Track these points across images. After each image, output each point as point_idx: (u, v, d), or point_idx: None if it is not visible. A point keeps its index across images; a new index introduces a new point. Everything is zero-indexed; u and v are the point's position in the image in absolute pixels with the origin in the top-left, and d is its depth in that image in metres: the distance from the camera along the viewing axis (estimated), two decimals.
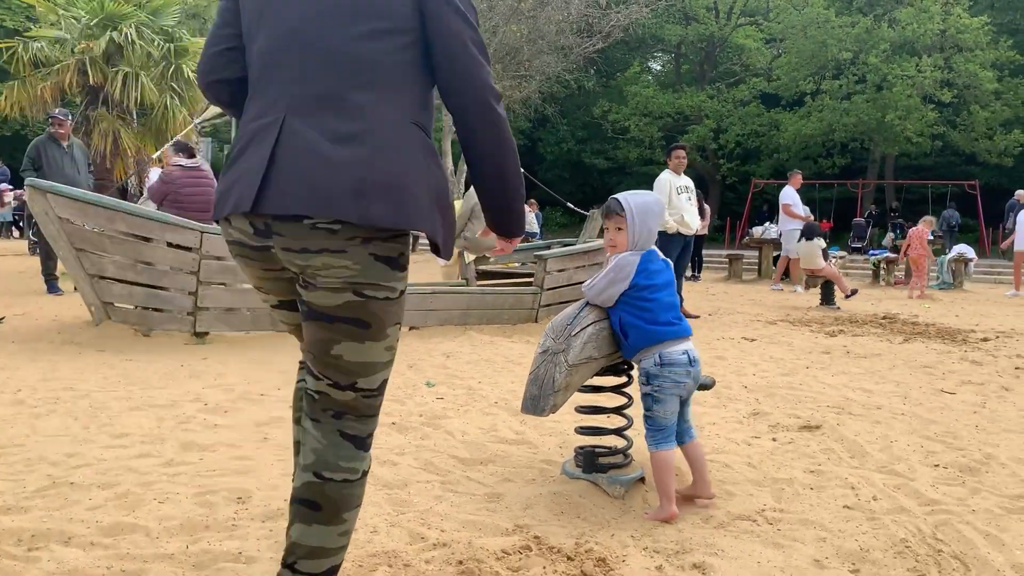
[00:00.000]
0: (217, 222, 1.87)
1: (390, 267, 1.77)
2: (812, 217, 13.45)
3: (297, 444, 2.04)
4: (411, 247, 2.54)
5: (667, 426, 2.87)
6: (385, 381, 1.87)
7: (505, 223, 1.95)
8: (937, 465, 3.53)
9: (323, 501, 1.78)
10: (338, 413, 1.82)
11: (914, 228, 13.68)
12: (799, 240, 10.88)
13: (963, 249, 15.94)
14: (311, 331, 1.80)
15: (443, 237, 1.82)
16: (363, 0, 1.71)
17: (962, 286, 15.18)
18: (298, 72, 1.74)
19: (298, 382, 2.12)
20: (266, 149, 1.70)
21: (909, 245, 13.58)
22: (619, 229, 2.93)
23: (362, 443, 1.85)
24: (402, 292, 1.83)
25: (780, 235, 14.22)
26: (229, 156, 1.83)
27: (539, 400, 2.78)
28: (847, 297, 10.44)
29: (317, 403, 1.83)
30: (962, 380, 5.58)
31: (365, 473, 1.85)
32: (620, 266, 2.89)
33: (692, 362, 2.88)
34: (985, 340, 7.63)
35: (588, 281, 3.00)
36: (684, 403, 2.94)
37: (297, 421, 2.08)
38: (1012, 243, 13.93)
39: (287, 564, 1.81)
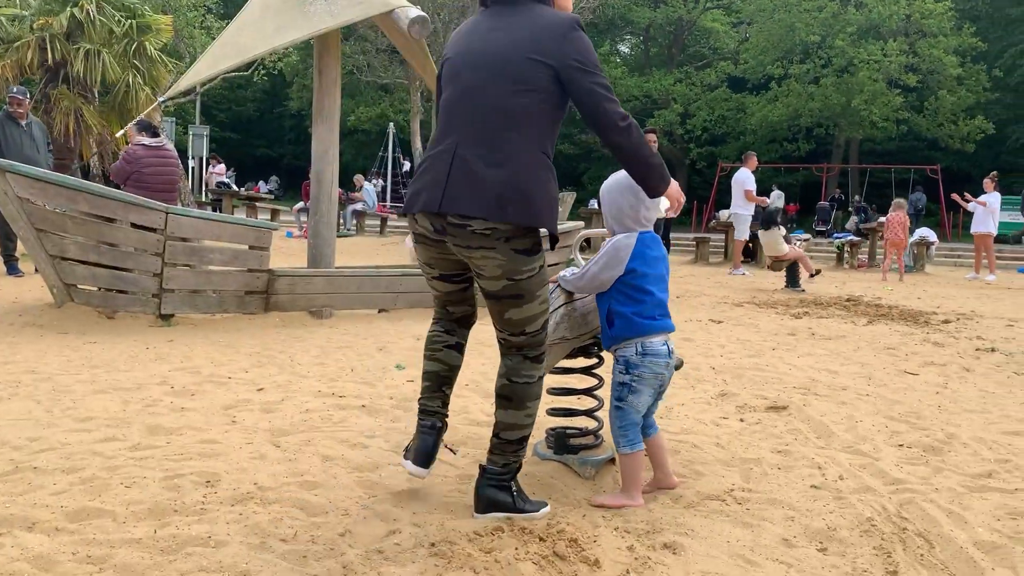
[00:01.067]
0: (405, 216, 2.65)
1: (527, 255, 2.46)
2: (766, 201, 13.50)
3: (433, 375, 2.79)
4: (381, 230, 2.83)
5: (636, 421, 2.80)
6: (546, 321, 2.63)
7: (655, 190, 2.65)
8: (901, 445, 3.59)
9: (512, 395, 2.59)
10: (518, 347, 2.61)
11: (893, 214, 13.82)
12: (761, 229, 10.92)
13: (925, 232, 16.22)
14: (489, 304, 2.59)
15: (552, 228, 2.51)
16: (516, 72, 2.45)
17: (924, 269, 15.43)
18: (468, 118, 2.48)
19: (436, 320, 2.88)
20: (444, 168, 2.44)
21: (888, 229, 13.72)
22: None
23: (536, 359, 2.62)
24: (541, 266, 2.52)
25: (730, 218, 14.23)
26: (416, 171, 2.62)
27: None
28: (811, 276, 10.56)
29: (503, 345, 2.65)
30: (925, 361, 5.68)
31: (541, 377, 2.64)
32: (615, 248, 2.77)
33: (671, 354, 2.84)
34: (946, 322, 7.77)
35: (571, 270, 2.93)
36: (657, 397, 2.89)
37: (430, 357, 2.82)
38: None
39: (495, 434, 2.62)
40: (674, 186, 2.72)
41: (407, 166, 28.25)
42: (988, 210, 13.80)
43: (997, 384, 5.03)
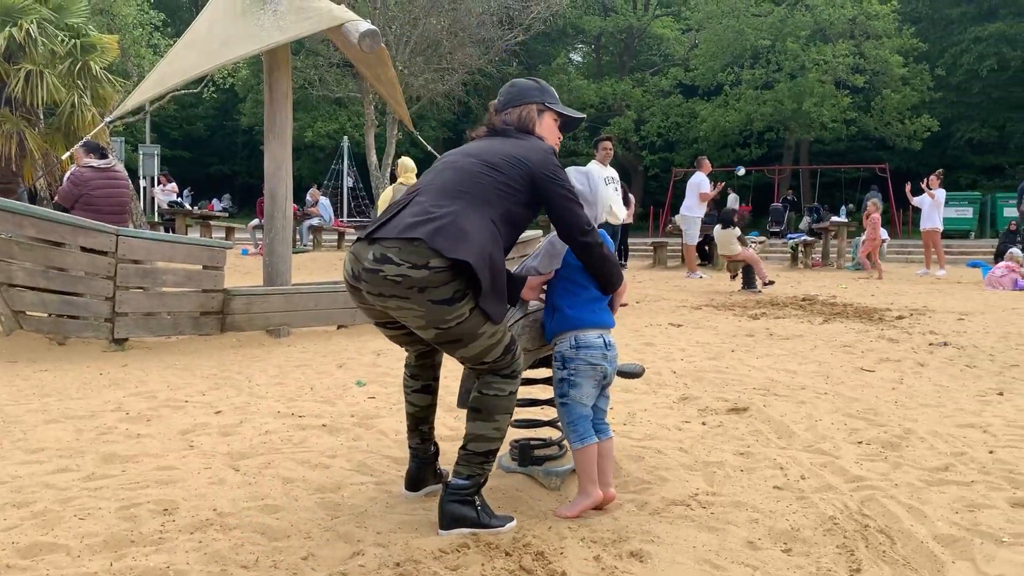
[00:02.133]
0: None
1: (448, 304, 2.44)
2: (721, 184, 13.67)
3: (409, 415, 2.96)
4: (338, 245, 2.90)
5: (584, 414, 2.79)
6: (508, 345, 2.62)
7: (610, 288, 2.90)
8: (860, 442, 3.63)
9: (482, 407, 2.61)
10: (489, 371, 2.63)
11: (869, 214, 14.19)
12: (716, 226, 11.01)
13: None
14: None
15: (485, 285, 2.46)
16: (494, 160, 2.67)
17: (871, 265, 15.70)
18: (436, 179, 2.65)
19: (406, 365, 3.00)
20: (397, 209, 2.57)
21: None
22: None
23: (510, 375, 2.65)
24: (472, 309, 2.48)
25: (680, 221, 14.35)
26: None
27: None
28: (764, 286, 10.62)
29: (473, 370, 2.70)
30: (880, 358, 5.77)
31: (513, 393, 2.65)
32: (551, 243, 2.86)
33: (607, 346, 2.83)
34: (900, 318, 7.91)
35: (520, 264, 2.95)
36: (601, 393, 2.88)
37: (406, 398, 2.97)
38: None
39: (463, 446, 2.64)
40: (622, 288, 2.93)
41: (351, 181, 28.09)
42: (935, 205, 14.10)
43: (950, 378, 5.13)
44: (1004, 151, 31.33)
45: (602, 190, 9.35)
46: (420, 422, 2.95)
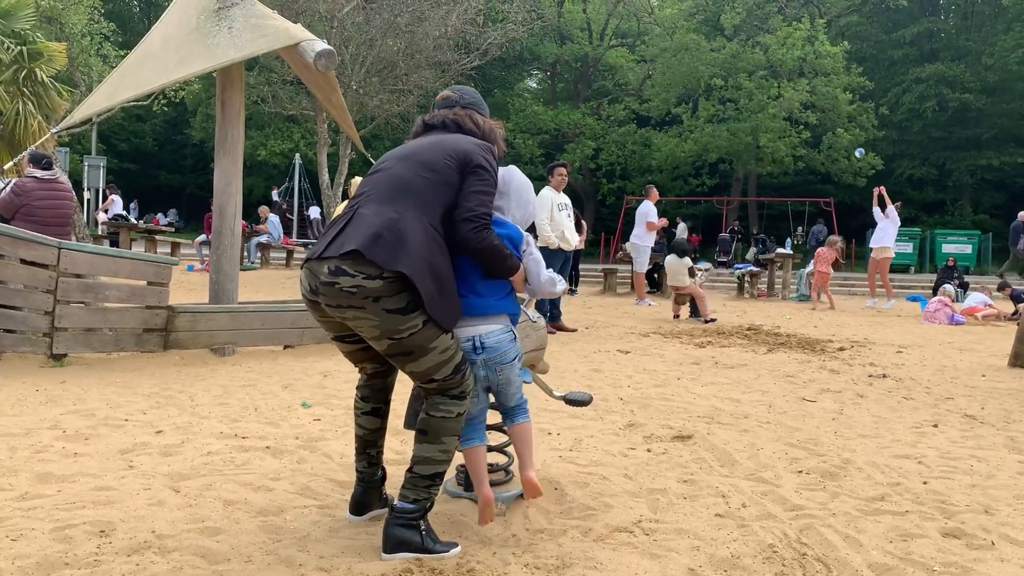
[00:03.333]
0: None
1: (402, 314, 2.48)
2: (665, 222, 13.88)
3: (357, 437, 2.94)
4: (287, 263, 2.86)
5: (471, 419, 2.75)
6: (458, 364, 2.63)
7: (503, 275, 2.78)
8: (801, 471, 3.71)
9: (428, 428, 2.63)
10: (437, 391, 2.65)
11: (821, 248, 14.51)
12: (668, 256, 11.13)
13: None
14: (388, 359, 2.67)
15: (428, 292, 2.49)
16: (429, 161, 2.70)
17: (819, 298, 16.05)
18: (375, 188, 2.69)
19: (357, 387, 2.97)
20: (342, 223, 2.59)
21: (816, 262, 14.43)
22: None
23: (458, 396, 2.65)
24: (426, 321, 2.52)
25: (630, 248, 14.51)
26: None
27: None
28: (706, 323, 10.61)
29: (422, 390, 2.70)
30: (822, 388, 5.90)
31: (460, 415, 2.65)
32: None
33: (477, 349, 2.70)
34: (841, 349, 8.09)
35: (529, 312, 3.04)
36: (496, 392, 2.82)
37: (355, 421, 2.96)
38: None
39: (409, 468, 2.65)
40: (520, 275, 2.82)
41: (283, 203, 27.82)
42: (890, 225, 14.39)
43: (888, 409, 5.26)
44: (943, 188, 32.40)
45: (556, 216, 9.43)
46: (368, 445, 2.94)
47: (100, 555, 2.46)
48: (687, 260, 10.91)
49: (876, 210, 14.35)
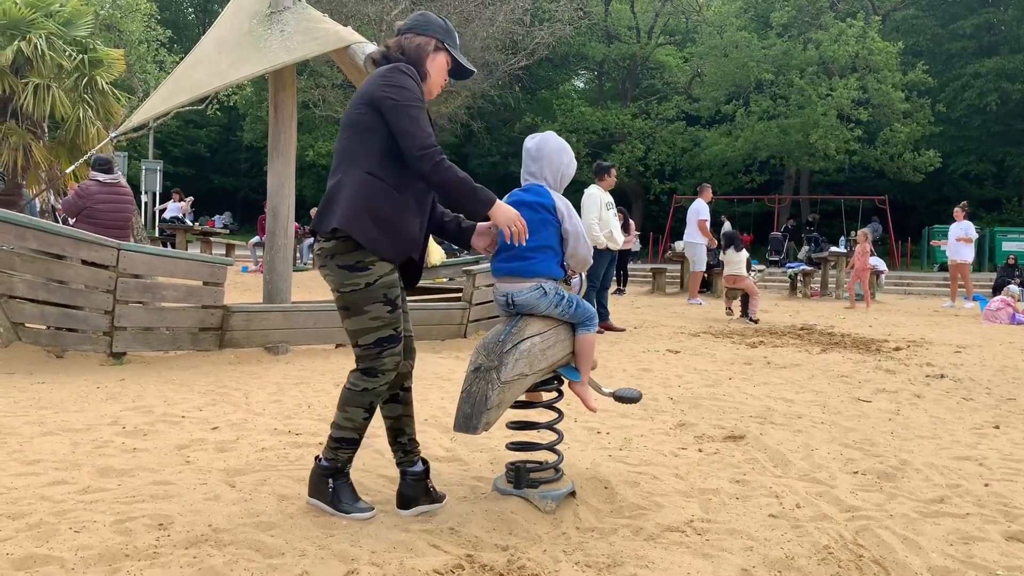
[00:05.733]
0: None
1: (350, 271, 2.79)
2: (715, 241, 13.71)
3: (386, 428, 3.09)
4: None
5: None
6: (380, 339, 2.83)
7: (473, 215, 2.90)
8: (856, 472, 3.64)
9: (340, 396, 2.90)
10: (356, 359, 2.88)
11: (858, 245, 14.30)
12: (733, 250, 10.94)
13: (875, 262, 16.58)
14: None
15: (367, 237, 2.76)
16: (348, 120, 2.89)
17: (874, 297, 15.75)
18: (332, 166, 2.94)
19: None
20: None
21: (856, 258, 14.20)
22: None
23: (364, 372, 2.85)
24: (368, 284, 2.79)
25: (684, 248, 14.38)
26: None
27: (472, 418, 2.77)
28: (753, 322, 10.46)
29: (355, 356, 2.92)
30: (877, 388, 5.78)
31: (365, 390, 2.84)
32: (570, 208, 3.15)
33: (510, 304, 3.04)
34: (897, 349, 7.92)
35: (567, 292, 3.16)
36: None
37: (380, 408, 3.05)
38: None
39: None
40: (505, 211, 2.85)
41: None
42: (962, 239, 14.15)
43: (947, 410, 5.14)
44: (1003, 185, 31.50)
45: (604, 215, 9.43)
46: (397, 433, 3.04)
47: (159, 547, 2.51)
48: (744, 253, 10.81)
49: (951, 237, 14.19)
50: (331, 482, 2.89)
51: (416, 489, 2.97)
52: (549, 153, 3.13)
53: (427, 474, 3.01)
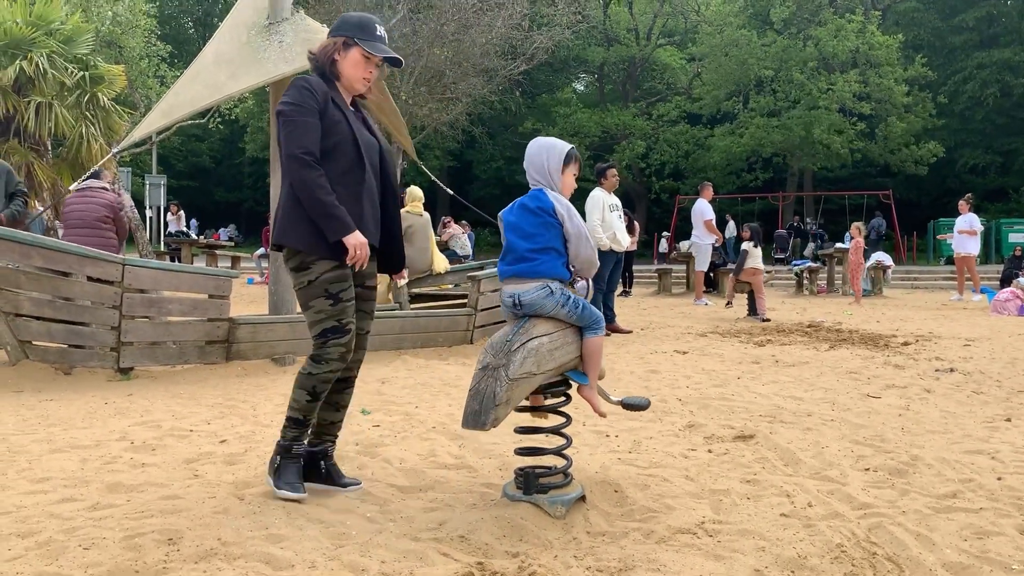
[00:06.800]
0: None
1: (295, 272, 3.14)
2: (722, 238, 13.73)
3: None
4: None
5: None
6: (324, 331, 3.09)
7: (329, 235, 3.07)
8: (867, 469, 3.61)
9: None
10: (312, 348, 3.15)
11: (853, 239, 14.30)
12: (753, 245, 10.90)
13: (881, 257, 16.54)
14: None
15: (303, 243, 3.07)
16: (275, 133, 3.25)
17: (881, 292, 15.70)
18: None
19: None
20: None
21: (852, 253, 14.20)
22: None
23: (313, 359, 3.12)
24: (310, 282, 3.09)
25: (691, 248, 14.35)
26: None
27: (480, 415, 2.78)
28: (763, 321, 10.42)
29: None
30: (886, 384, 5.75)
31: (310, 375, 3.11)
32: (572, 209, 3.18)
33: (517, 305, 3.06)
34: (906, 344, 7.89)
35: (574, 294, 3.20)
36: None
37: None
38: None
39: None
40: (349, 240, 3.03)
41: None
42: (966, 232, 14.12)
43: (957, 404, 5.11)
44: (1007, 176, 31.40)
45: (608, 217, 9.41)
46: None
47: (168, 563, 2.51)
48: (760, 249, 10.87)
49: (956, 229, 14.16)
50: (278, 459, 3.17)
51: (307, 464, 3.28)
52: (531, 159, 3.19)
53: (324, 456, 3.32)
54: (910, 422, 4.56)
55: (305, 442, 3.26)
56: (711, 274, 15.91)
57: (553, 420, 3.24)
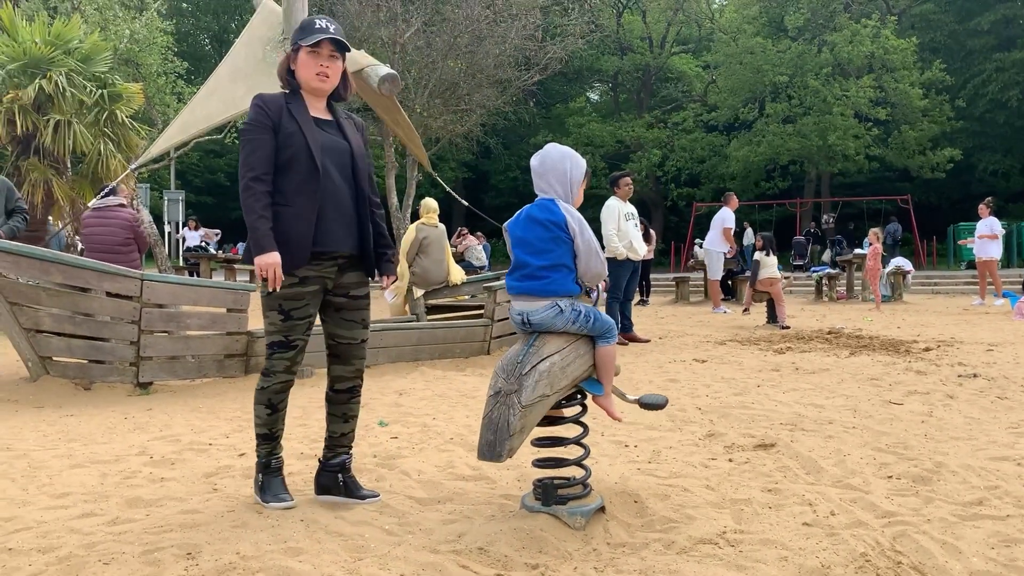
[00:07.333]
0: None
1: (261, 283, 3.12)
2: (735, 249, 13.67)
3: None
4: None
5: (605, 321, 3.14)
6: (273, 343, 3.18)
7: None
8: (891, 476, 3.57)
9: None
10: None
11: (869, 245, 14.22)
12: (766, 254, 10.83)
13: (901, 262, 16.41)
14: None
15: (247, 260, 3.18)
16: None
17: (901, 298, 15.56)
18: None
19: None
20: None
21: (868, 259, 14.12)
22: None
23: (263, 370, 3.24)
24: (269, 293, 3.14)
25: (704, 256, 14.25)
26: None
27: (495, 445, 2.75)
28: (783, 328, 10.35)
29: None
30: (908, 391, 5.68)
31: (262, 389, 3.23)
32: (583, 221, 3.15)
33: (526, 324, 3.02)
34: (927, 350, 7.80)
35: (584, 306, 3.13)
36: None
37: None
38: None
39: None
40: (260, 261, 3.06)
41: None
42: (988, 237, 13.99)
43: (981, 410, 5.04)
44: None
45: (623, 226, 9.39)
46: (327, 428, 3.42)
47: None
48: (775, 258, 10.80)
49: (979, 225, 14.05)
50: (260, 476, 3.25)
51: (326, 479, 3.33)
52: (552, 165, 3.12)
53: (341, 468, 3.32)
54: (933, 428, 4.50)
55: (280, 455, 3.32)
56: (729, 282, 15.83)
57: (571, 430, 3.22)
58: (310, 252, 3.13)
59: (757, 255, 10.91)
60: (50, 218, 12.41)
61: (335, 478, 3.31)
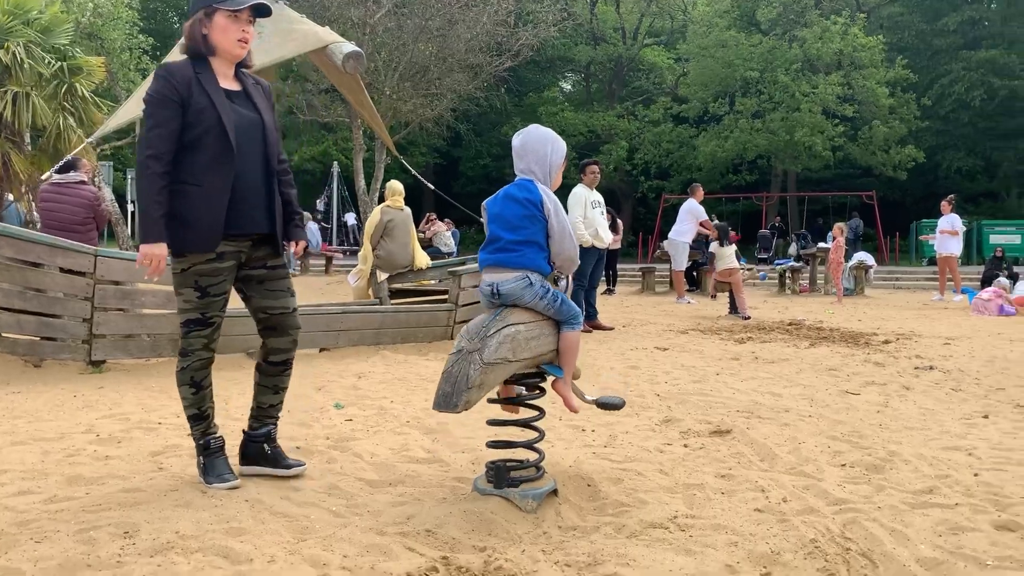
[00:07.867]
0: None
1: (174, 258, 3.07)
2: (715, 232, 13.65)
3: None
4: (326, 269, 3.37)
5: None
6: (187, 320, 3.11)
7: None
8: (844, 464, 3.57)
9: None
10: None
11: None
12: (720, 244, 10.85)
13: (863, 257, 16.59)
14: None
15: (175, 242, 3.03)
16: None
17: (863, 292, 15.74)
18: None
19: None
20: None
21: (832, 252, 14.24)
22: None
23: (180, 350, 3.16)
24: (183, 270, 3.08)
25: (668, 246, 14.23)
26: None
27: (452, 396, 2.73)
28: (743, 319, 10.31)
29: None
30: (866, 381, 5.73)
31: (183, 369, 3.15)
32: (558, 205, 3.11)
33: (495, 295, 2.99)
34: (886, 343, 7.88)
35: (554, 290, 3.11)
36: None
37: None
38: None
39: None
40: (144, 250, 2.96)
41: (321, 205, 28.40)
42: (948, 233, 14.17)
43: (936, 401, 5.08)
44: (991, 179, 31.60)
45: (589, 213, 9.35)
46: (254, 399, 3.41)
47: (123, 556, 2.43)
48: (732, 247, 10.79)
49: (938, 230, 14.24)
50: (201, 459, 3.18)
51: (252, 449, 3.30)
52: (533, 146, 3.09)
53: (267, 438, 3.30)
54: (888, 419, 4.53)
55: (218, 433, 3.25)
56: (694, 273, 15.90)
57: (526, 413, 3.18)
58: (222, 235, 3.04)
59: (712, 246, 10.93)
60: (9, 195, 12.12)
61: (261, 448, 3.29)
